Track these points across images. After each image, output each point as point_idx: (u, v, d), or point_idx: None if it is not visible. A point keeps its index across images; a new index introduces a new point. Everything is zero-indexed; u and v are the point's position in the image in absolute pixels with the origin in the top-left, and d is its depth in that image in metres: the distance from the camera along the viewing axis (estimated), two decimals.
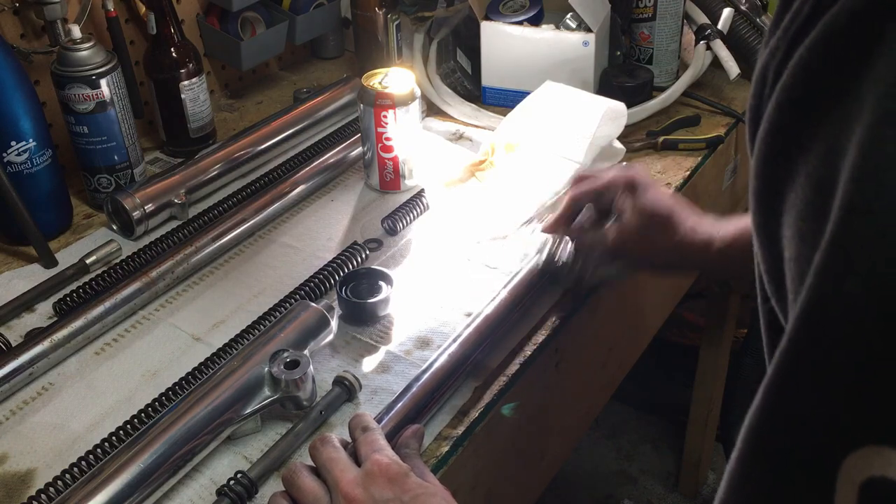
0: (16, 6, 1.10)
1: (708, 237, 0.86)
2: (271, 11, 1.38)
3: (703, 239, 0.86)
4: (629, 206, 0.87)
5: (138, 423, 0.77)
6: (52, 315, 0.94)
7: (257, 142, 1.19)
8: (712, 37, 1.30)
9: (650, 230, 0.86)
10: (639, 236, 0.86)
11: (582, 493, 2.09)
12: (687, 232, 0.86)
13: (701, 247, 0.86)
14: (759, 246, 0.41)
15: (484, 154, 1.12)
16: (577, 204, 0.92)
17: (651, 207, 0.86)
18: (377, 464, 0.64)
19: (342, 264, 0.97)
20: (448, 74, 1.35)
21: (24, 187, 1.01)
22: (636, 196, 0.87)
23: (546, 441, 0.98)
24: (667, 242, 0.86)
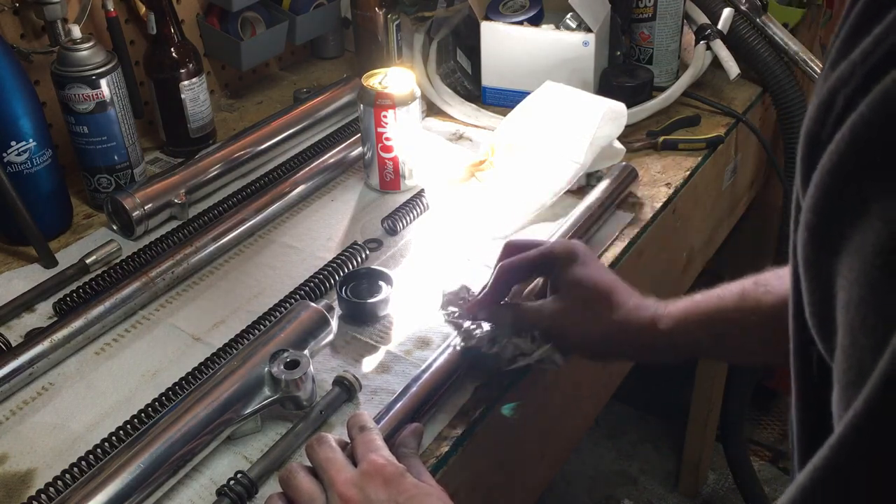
0: (16, 6, 1.10)
1: (652, 316, 0.77)
2: (271, 11, 1.38)
3: (647, 318, 0.77)
4: (566, 281, 0.78)
5: (138, 423, 0.77)
6: (52, 315, 0.94)
7: (257, 142, 1.19)
8: (712, 37, 1.30)
9: (588, 308, 0.78)
10: (575, 314, 0.78)
11: (582, 493, 2.09)
12: (630, 311, 0.77)
13: (645, 326, 0.77)
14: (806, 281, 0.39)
15: (484, 154, 1.12)
16: (507, 280, 0.82)
17: (590, 283, 0.78)
18: (373, 464, 0.64)
19: (342, 264, 0.97)
20: (448, 74, 1.35)
21: (24, 187, 1.01)
22: (573, 270, 0.78)
23: (546, 441, 0.97)
24: (607, 322, 0.77)
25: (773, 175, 1.52)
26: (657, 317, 0.77)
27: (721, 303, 0.77)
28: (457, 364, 0.81)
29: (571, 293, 0.78)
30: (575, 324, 0.78)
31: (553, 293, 0.80)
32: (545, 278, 0.83)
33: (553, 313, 0.78)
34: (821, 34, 1.67)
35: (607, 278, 0.79)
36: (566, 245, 0.81)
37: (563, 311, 0.78)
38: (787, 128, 1.39)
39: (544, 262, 0.80)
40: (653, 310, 0.78)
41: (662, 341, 0.77)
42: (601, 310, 0.77)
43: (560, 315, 0.78)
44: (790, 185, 1.43)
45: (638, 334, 0.77)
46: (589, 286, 0.78)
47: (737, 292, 0.76)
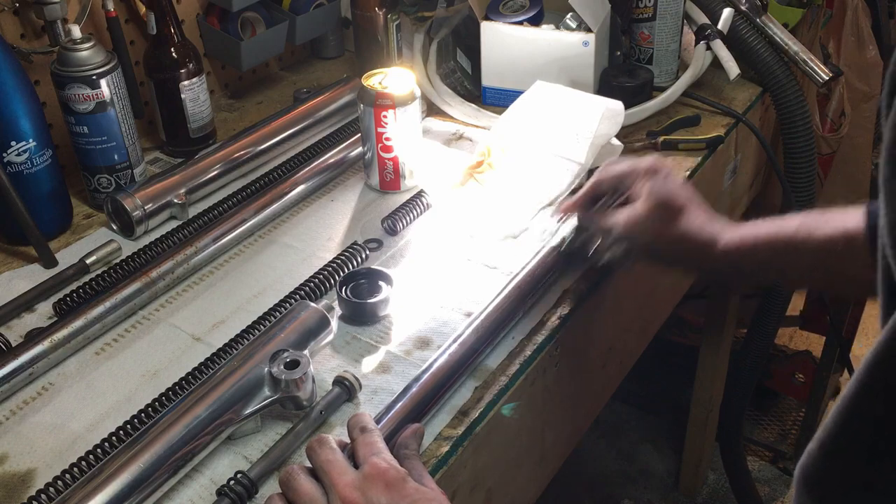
0: (16, 6, 1.10)
1: (713, 236, 0.86)
2: (271, 11, 1.38)
3: (707, 237, 0.86)
4: (645, 191, 0.88)
5: (138, 423, 0.77)
6: (52, 315, 0.94)
7: (257, 142, 1.19)
8: (712, 37, 1.30)
9: (659, 218, 0.86)
10: (647, 222, 0.87)
11: (582, 493, 2.09)
12: (694, 227, 0.86)
13: (704, 244, 0.86)
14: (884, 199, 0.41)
15: (480, 156, 1.12)
16: (599, 188, 0.93)
17: (665, 194, 0.87)
18: (375, 467, 0.64)
19: (342, 264, 0.97)
20: (448, 74, 1.35)
21: (24, 187, 1.01)
22: (653, 182, 0.87)
23: (546, 441, 0.98)
24: (672, 233, 0.86)
25: (773, 175, 1.52)
26: (719, 235, 0.85)
27: (779, 228, 0.83)
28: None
29: (647, 202, 0.87)
30: (645, 229, 0.87)
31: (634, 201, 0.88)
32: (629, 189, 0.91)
33: (629, 218, 0.87)
34: (821, 34, 1.67)
35: (682, 193, 0.87)
36: (653, 160, 0.90)
37: (637, 217, 0.87)
38: (787, 128, 1.39)
39: (631, 174, 0.90)
40: (717, 229, 0.86)
41: (720, 259, 0.85)
42: (669, 220, 0.86)
43: (634, 220, 0.87)
44: (790, 185, 1.43)
45: (698, 248, 0.86)
46: (663, 197, 0.86)
47: (797, 220, 0.83)
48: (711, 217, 0.88)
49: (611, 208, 0.92)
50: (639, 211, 0.87)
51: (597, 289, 0.97)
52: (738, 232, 0.85)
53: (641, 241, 0.88)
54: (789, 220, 0.83)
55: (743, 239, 0.85)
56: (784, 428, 2.21)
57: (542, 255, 0.95)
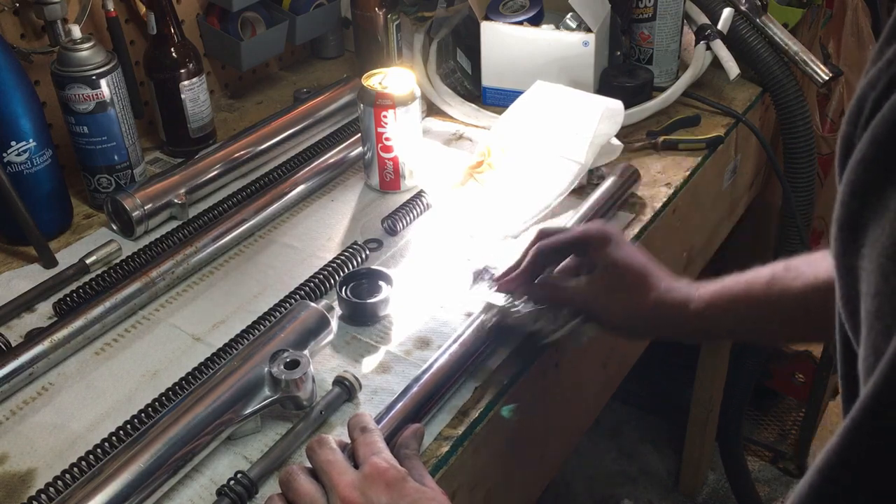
0: (16, 6, 1.10)
1: (684, 298, 0.81)
2: (271, 11, 1.38)
3: (679, 300, 0.81)
4: (601, 261, 0.81)
5: (138, 423, 0.77)
6: (52, 315, 0.94)
7: (257, 142, 1.19)
8: (712, 37, 1.30)
9: (623, 289, 0.81)
10: (610, 294, 0.81)
11: (582, 493, 2.09)
12: (662, 292, 0.81)
13: (677, 308, 0.80)
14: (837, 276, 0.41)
15: (480, 156, 1.12)
16: (543, 260, 0.85)
17: (625, 264, 0.81)
18: (375, 467, 0.64)
19: (342, 264, 0.97)
20: (448, 74, 1.35)
21: (24, 187, 1.01)
22: (608, 252, 0.81)
23: (546, 441, 0.98)
24: (640, 302, 0.81)
25: (773, 175, 1.52)
26: (689, 299, 0.80)
27: (751, 287, 0.79)
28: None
29: (606, 274, 0.81)
30: (609, 303, 0.81)
31: (588, 273, 0.83)
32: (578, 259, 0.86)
33: (588, 293, 0.82)
34: (821, 34, 1.67)
35: (641, 260, 0.82)
36: (601, 228, 0.84)
37: (597, 291, 0.81)
38: (787, 128, 1.39)
39: (579, 244, 0.84)
40: (685, 292, 0.81)
41: (693, 322, 0.81)
42: (635, 291, 0.81)
43: (595, 295, 0.82)
44: (790, 185, 1.43)
45: (670, 315, 0.81)
46: (623, 267, 0.81)
47: (766, 277, 0.79)
48: (674, 280, 0.82)
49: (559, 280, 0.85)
50: (599, 284, 0.81)
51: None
52: (708, 292, 0.81)
53: (605, 315, 0.82)
54: (758, 275, 0.79)
55: (715, 300, 0.80)
56: (784, 428, 2.20)
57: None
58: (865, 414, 0.34)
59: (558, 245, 0.84)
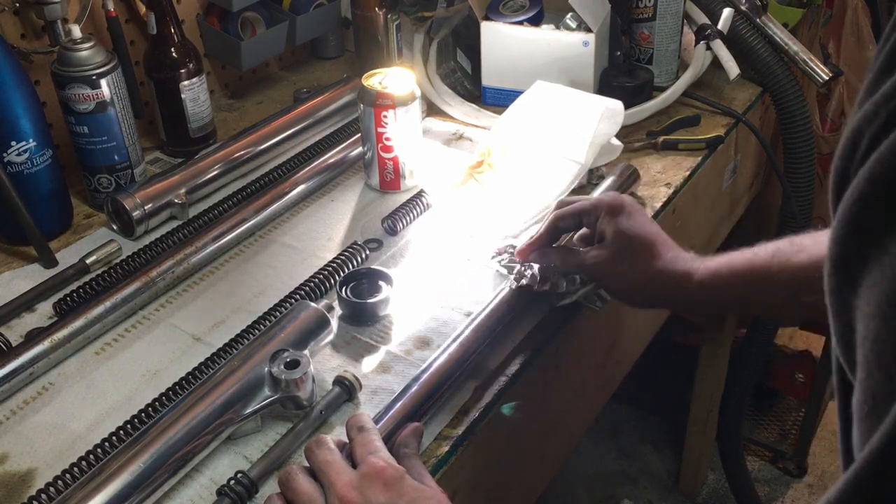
0: (16, 6, 1.10)
1: (688, 269, 0.83)
2: (271, 11, 1.38)
3: (682, 270, 0.83)
4: (610, 230, 0.84)
5: (138, 423, 0.77)
6: (53, 315, 0.94)
7: (257, 142, 1.19)
8: (712, 37, 1.30)
9: (629, 257, 0.83)
10: (617, 262, 0.84)
11: (582, 493, 2.09)
12: (667, 262, 0.83)
13: (680, 278, 0.83)
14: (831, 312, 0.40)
15: (480, 156, 1.12)
16: (558, 227, 0.89)
17: (632, 233, 0.84)
18: (373, 466, 0.64)
19: (342, 264, 0.97)
20: (448, 74, 1.35)
21: (24, 187, 1.01)
22: (618, 221, 0.84)
23: (546, 441, 0.98)
24: (645, 271, 0.83)
25: (773, 175, 1.52)
26: (693, 269, 0.82)
27: (753, 259, 0.81)
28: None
29: (615, 241, 0.83)
30: (615, 270, 0.84)
31: (599, 241, 0.86)
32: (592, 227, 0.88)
33: (597, 258, 0.84)
34: (821, 34, 1.67)
35: (649, 230, 0.84)
36: (613, 197, 0.87)
37: (605, 257, 0.84)
38: (787, 128, 1.39)
39: (593, 211, 0.86)
40: (689, 263, 0.83)
41: (695, 293, 0.82)
42: (640, 259, 0.83)
43: (603, 261, 0.84)
44: (790, 185, 1.44)
45: (673, 284, 0.83)
46: (631, 236, 0.83)
47: (770, 250, 0.80)
48: (681, 251, 0.85)
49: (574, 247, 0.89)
50: (607, 252, 0.84)
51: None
52: (712, 264, 0.83)
53: (613, 282, 0.86)
54: (763, 249, 0.81)
55: (718, 271, 0.82)
56: (784, 428, 2.21)
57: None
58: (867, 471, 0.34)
59: (573, 213, 0.88)
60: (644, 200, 1.09)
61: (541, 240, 0.90)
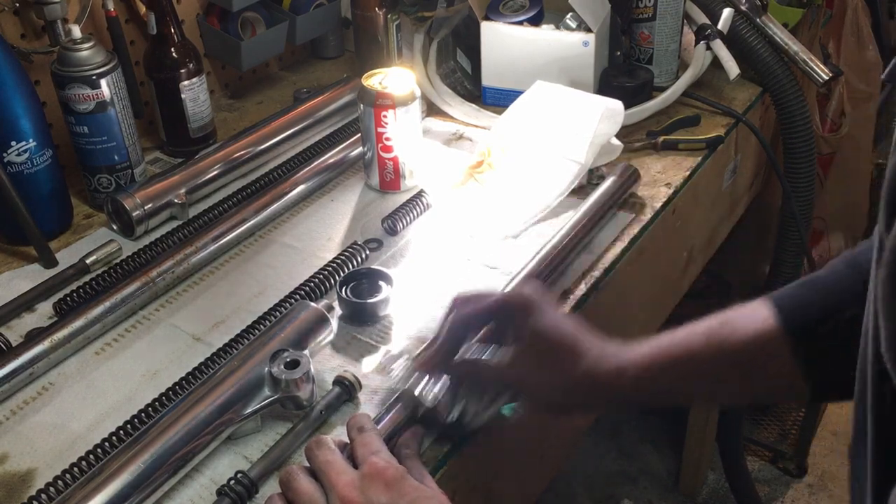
0: (16, 6, 1.10)
1: (618, 365, 0.73)
2: (271, 11, 1.38)
3: (613, 367, 0.73)
4: (524, 332, 0.73)
5: (138, 423, 0.77)
6: (53, 315, 0.94)
7: (257, 142, 1.19)
8: (712, 37, 1.30)
9: (550, 362, 0.73)
10: (537, 369, 0.73)
11: (582, 493, 2.09)
12: (594, 361, 0.73)
13: (612, 377, 0.73)
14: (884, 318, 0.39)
15: (480, 155, 1.12)
16: (458, 332, 0.75)
17: (551, 334, 0.73)
18: (374, 467, 0.64)
19: (342, 264, 0.97)
20: (448, 74, 1.35)
21: (24, 187, 1.01)
22: (532, 321, 0.73)
23: (546, 441, 0.98)
24: (571, 374, 0.73)
25: (773, 175, 1.52)
26: (622, 366, 0.73)
27: (688, 346, 0.73)
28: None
29: (532, 345, 0.73)
30: (537, 378, 0.73)
31: (511, 345, 0.75)
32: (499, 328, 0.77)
33: (514, 368, 0.74)
34: (821, 34, 1.67)
35: (568, 327, 0.74)
36: (522, 294, 0.76)
37: (523, 364, 0.73)
38: (787, 128, 1.39)
39: (500, 314, 0.75)
40: (618, 358, 0.73)
41: (629, 391, 0.74)
42: (563, 361, 0.73)
43: (521, 369, 0.73)
44: (790, 185, 1.44)
45: (604, 385, 0.73)
46: (549, 337, 0.73)
47: (703, 334, 0.73)
48: (606, 346, 0.75)
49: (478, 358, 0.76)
50: (525, 359, 0.73)
51: (596, 289, 0.97)
52: (644, 354, 0.74)
53: (535, 392, 0.74)
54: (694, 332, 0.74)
55: (651, 362, 0.73)
56: (784, 428, 2.20)
57: (542, 254, 0.95)
58: None
59: (477, 315, 0.76)
60: (644, 200, 1.09)
61: (441, 350, 0.75)
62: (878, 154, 2.06)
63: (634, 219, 1.06)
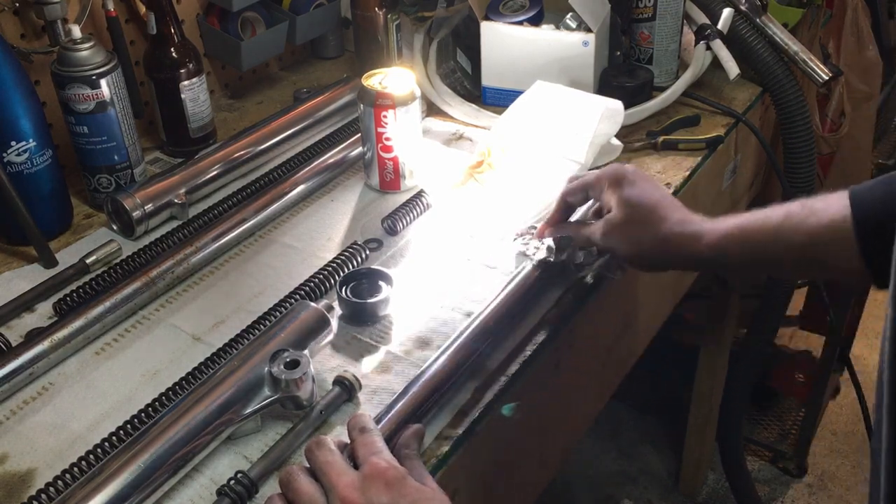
0: (16, 6, 1.10)
1: (697, 231, 0.85)
2: (271, 11, 1.38)
3: (691, 232, 0.85)
4: (614, 200, 0.87)
5: (138, 423, 0.77)
6: (52, 315, 0.94)
7: (257, 142, 1.19)
8: (712, 37, 1.30)
9: (636, 223, 0.86)
10: (624, 229, 0.86)
11: (582, 493, 2.09)
12: (674, 225, 0.85)
13: (689, 240, 0.85)
14: None
15: (480, 156, 1.12)
16: (569, 202, 0.94)
17: (636, 200, 0.86)
18: (374, 467, 0.64)
19: (342, 264, 0.97)
20: (448, 74, 1.35)
21: (24, 187, 1.01)
22: (622, 190, 0.87)
23: (546, 441, 0.98)
24: (653, 235, 0.85)
25: (773, 175, 1.52)
26: (702, 231, 0.84)
27: (765, 221, 0.82)
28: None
29: (620, 211, 0.86)
30: (624, 238, 0.87)
31: (607, 212, 0.89)
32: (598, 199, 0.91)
33: (605, 229, 0.88)
34: (821, 34, 1.67)
35: (653, 195, 0.87)
36: (615, 168, 0.90)
37: (613, 227, 0.87)
38: (787, 128, 1.39)
39: (597, 184, 0.90)
40: (698, 225, 0.85)
41: (705, 254, 0.84)
42: (647, 224, 0.85)
43: (611, 231, 0.87)
44: (790, 185, 1.43)
45: (682, 246, 0.85)
46: (635, 203, 0.86)
47: (782, 213, 0.81)
48: (689, 213, 0.87)
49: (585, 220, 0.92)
50: (615, 220, 0.87)
51: (596, 289, 0.97)
52: (722, 226, 0.84)
53: (624, 249, 0.88)
54: (774, 211, 0.82)
55: (728, 233, 0.83)
56: (784, 428, 2.21)
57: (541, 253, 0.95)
58: None
59: (579, 187, 0.92)
60: None
61: (554, 217, 0.95)
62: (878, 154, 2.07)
63: None
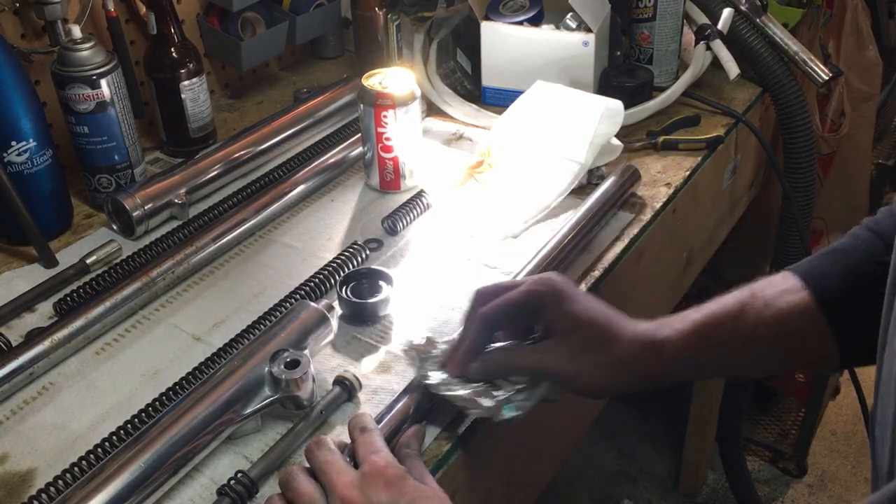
0: (16, 6, 1.10)
1: (655, 343, 0.73)
2: (271, 11, 1.38)
3: (650, 347, 0.73)
4: (560, 322, 0.73)
5: (138, 423, 0.77)
6: (53, 315, 0.94)
7: (257, 142, 1.19)
8: (712, 37, 1.30)
9: (590, 347, 0.72)
10: (578, 358, 0.73)
11: (582, 493, 2.09)
12: (631, 342, 0.73)
13: (650, 356, 0.73)
14: None
15: (480, 156, 1.12)
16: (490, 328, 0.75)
17: (587, 321, 0.73)
18: (374, 466, 0.64)
19: (342, 264, 0.97)
20: (448, 74, 1.35)
21: (25, 187, 1.01)
22: (565, 309, 0.73)
23: (546, 441, 0.98)
24: (611, 358, 0.73)
25: (773, 175, 1.52)
26: (660, 343, 0.74)
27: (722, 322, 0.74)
28: None
29: (570, 333, 0.73)
30: (577, 364, 0.73)
31: (546, 335, 0.75)
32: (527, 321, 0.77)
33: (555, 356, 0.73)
34: (821, 34, 1.67)
35: (601, 311, 0.74)
36: (548, 282, 0.74)
37: (564, 353, 0.73)
38: (787, 128, 1.39)
39: (530, 304, 0.74)
40: (654, 337, 0.74)
41: (669, 368, 0.74)
42: (603, 346, 0.73)
43: (562, 357, 0.73)
44: (790, 185, 1.44)
45: (644, 365, 0.73)
46: (586, 324, 0.73)
47: (736, 307, 0.73)
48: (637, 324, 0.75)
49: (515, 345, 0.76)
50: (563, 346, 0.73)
51: (596, 289, 0.97)
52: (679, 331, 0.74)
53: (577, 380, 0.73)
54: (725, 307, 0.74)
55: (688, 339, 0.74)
56: (784, 428, 2.20)
57: (542, 254, 0.95)
58: None
59: (506, 309, 0.74)
60: (644, 200, 1.09)
61: (472, 350, 0.75)
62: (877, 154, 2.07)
63: (634, 219, 1.06)
